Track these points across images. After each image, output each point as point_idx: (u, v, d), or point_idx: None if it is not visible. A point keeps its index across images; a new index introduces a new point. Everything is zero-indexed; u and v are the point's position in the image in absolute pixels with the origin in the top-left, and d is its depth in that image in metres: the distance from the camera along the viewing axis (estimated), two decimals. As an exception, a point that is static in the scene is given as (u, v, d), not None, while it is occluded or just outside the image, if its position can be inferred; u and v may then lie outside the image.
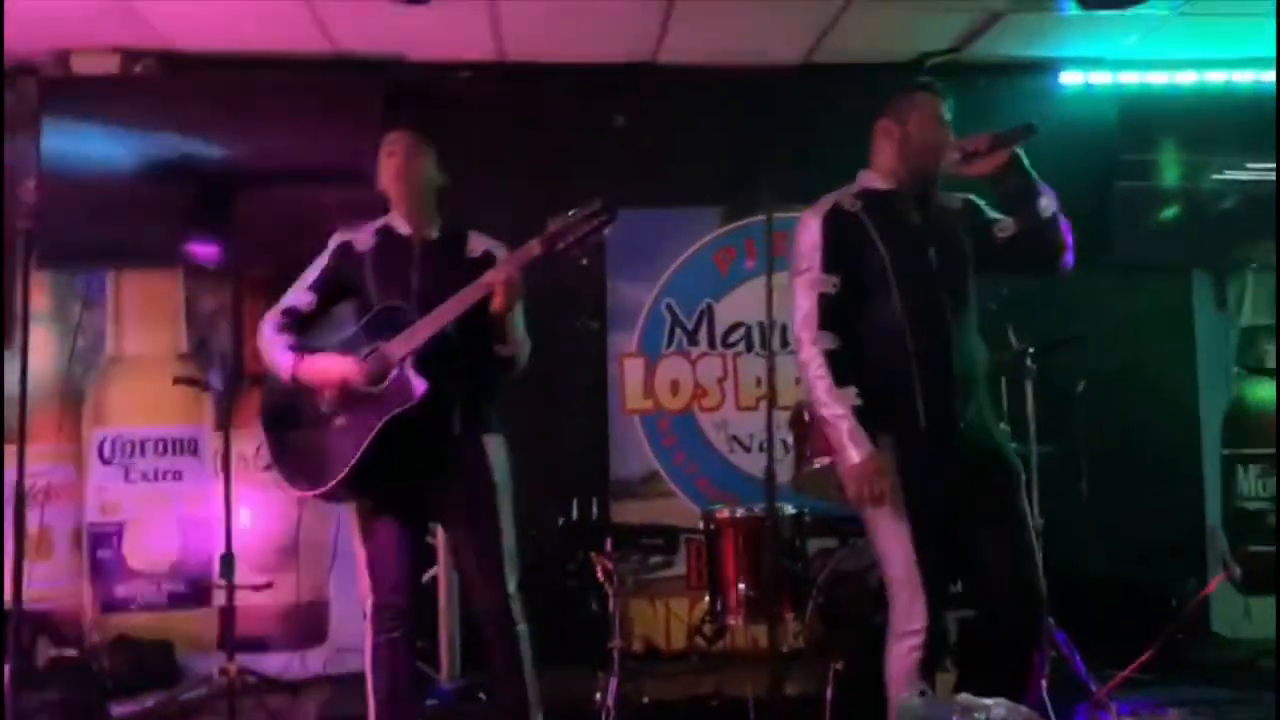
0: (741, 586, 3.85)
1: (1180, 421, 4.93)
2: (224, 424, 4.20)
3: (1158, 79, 4.86)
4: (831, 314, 2.76)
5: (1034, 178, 2.87)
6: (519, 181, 4.71)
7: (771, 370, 3.14)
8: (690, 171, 4.80)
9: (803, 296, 2.77)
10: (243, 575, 4.10)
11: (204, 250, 4.36)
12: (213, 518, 4.26)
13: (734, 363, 4.90)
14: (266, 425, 3.05)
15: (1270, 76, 4.86)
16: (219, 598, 4.32)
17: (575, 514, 4.65)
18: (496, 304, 2.89)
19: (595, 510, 4.69)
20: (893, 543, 2.71)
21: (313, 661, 4.57)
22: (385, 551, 2.98)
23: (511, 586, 2.98)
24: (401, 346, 2.88)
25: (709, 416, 4.91)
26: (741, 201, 4.83)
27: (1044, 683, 3.14)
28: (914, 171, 2.86)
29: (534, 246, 2.93)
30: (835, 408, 2.70)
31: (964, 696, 2.42)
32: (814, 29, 4.48)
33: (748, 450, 4.86)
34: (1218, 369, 5.04)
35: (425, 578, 3.88)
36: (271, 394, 3.07)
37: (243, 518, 4.37)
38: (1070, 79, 4.86)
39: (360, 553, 3.02)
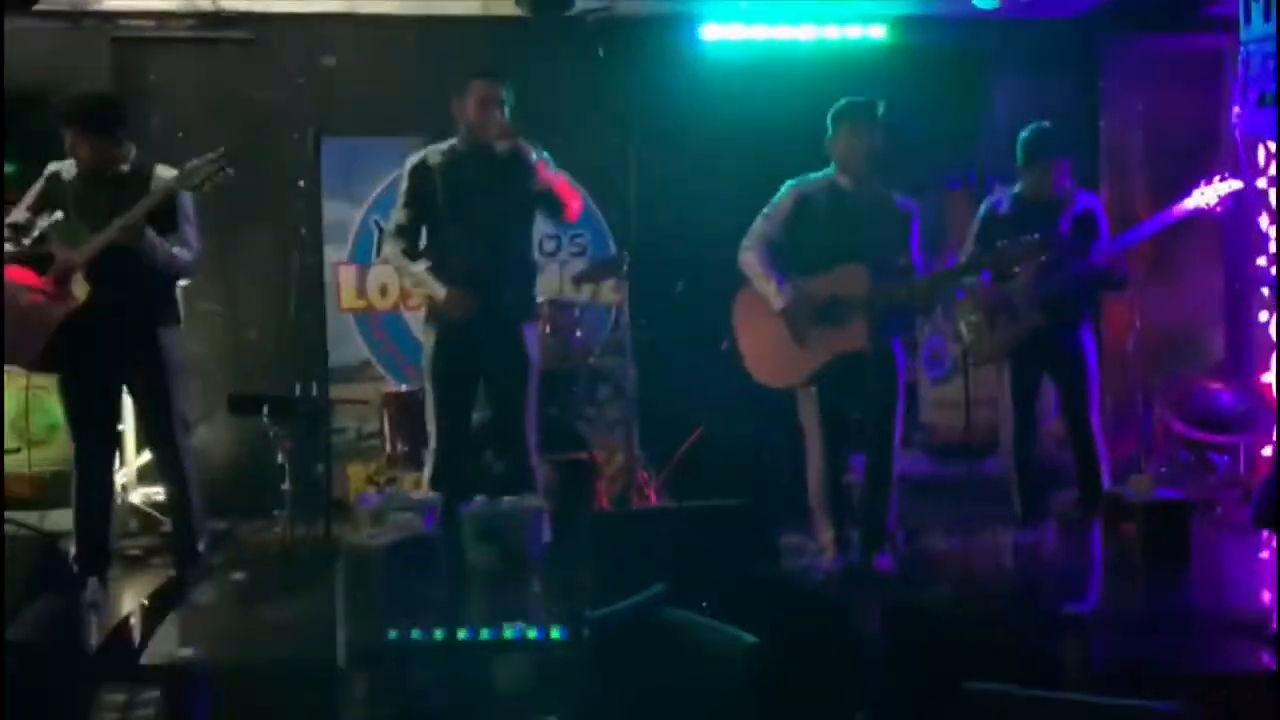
0: (399, 446, 4.94)
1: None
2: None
3: (783, 33, 5.87)
4: (409, 233, 4.09)
5: None
6: (250, 114, 5.64)
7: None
8: (392, 106, 5.70)
9: None
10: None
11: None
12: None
13: (435, 269, 5.89)
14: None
15: (876, 32, 5.94)
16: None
17: (299, 392, 5.66)
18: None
19: (315, 390, 5.69)
20: None
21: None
22: None
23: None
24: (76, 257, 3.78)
25: (414, 315, 5.92)
26: (437, 132, 5.75)
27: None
28: (472, 137, 4.00)
29: (166, 186, 3.81)
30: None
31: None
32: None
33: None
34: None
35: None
36: None
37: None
38: (709, 32, 5.83)
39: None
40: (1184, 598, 2.86)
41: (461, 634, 2.35)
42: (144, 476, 5.20)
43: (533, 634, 2.36)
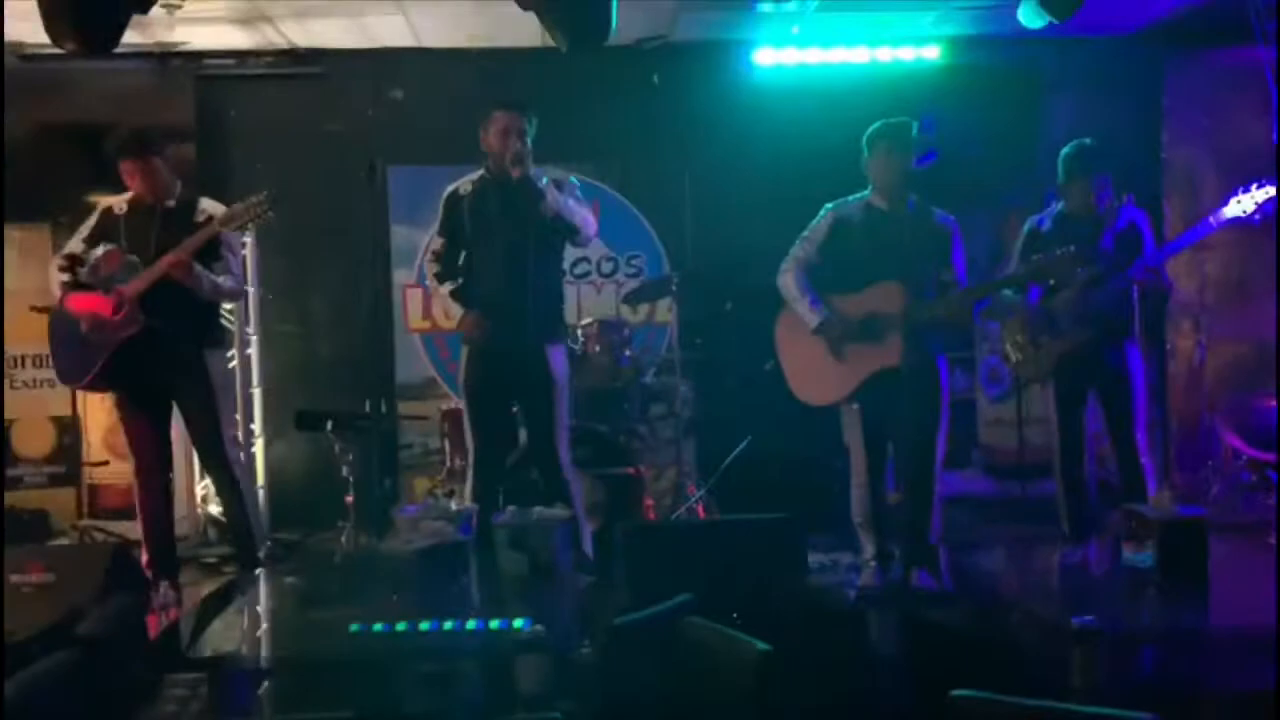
0: (457, 460, 5.13)
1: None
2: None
3: (836, 56, 5.94)
4: (444, 259, 4.29)
5: None
6: (322, 144, 5.95)
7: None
8: (457, 135, 5.93)
9: None
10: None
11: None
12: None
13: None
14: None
15: (930, 53, 5.99)
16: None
17: (368, 409, 5.92)
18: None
19: (384, 408, 5.95)
20: None
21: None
22: None
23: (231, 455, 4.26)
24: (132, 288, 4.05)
25: (478, 333, 6.14)
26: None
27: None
28: (496, 167, 4.17)
29: (212, 228, 4.07)
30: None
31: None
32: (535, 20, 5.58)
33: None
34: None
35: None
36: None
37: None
38: (762, 57, 5.95)
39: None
40: (1199, 615, 2.87)
41: (424, 625, 2.49)
42: (222, 489, 5.51)
43: (495, 624, 2.49)
